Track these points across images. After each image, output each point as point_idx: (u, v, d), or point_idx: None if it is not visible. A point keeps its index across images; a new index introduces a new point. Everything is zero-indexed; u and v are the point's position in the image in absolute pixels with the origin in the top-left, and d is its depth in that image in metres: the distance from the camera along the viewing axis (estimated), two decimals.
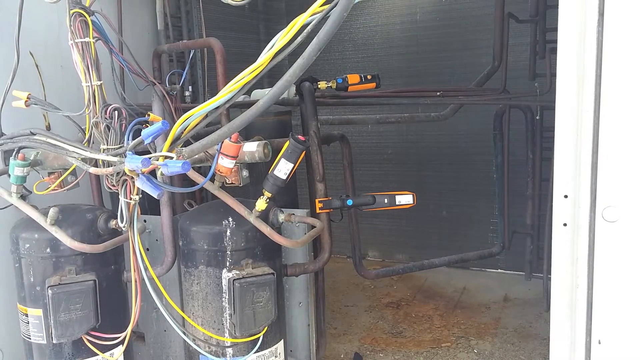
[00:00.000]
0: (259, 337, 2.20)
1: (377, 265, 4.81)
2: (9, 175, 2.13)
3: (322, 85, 2.84)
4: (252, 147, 2.04)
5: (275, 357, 2.33)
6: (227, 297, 2.15)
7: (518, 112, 3.78)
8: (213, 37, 2.61)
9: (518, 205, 3.94)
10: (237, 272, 2.14)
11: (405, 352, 3.33)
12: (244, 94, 1.72)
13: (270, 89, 1.55)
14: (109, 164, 1.89)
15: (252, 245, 2.18)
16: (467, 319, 3.73)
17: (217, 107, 1.67)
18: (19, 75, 2.10)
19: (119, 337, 2.20)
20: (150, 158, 1.68)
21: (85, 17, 1.86)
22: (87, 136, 1.99)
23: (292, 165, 2.01)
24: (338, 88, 2.90)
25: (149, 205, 2.53)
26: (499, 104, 3.73)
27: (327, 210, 2.57)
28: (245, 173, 2.10)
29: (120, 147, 1.88)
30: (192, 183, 2.27)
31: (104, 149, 1.92)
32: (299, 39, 1.51)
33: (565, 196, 1.44)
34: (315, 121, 2.65)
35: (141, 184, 1.78)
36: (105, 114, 1.89)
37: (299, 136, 2.01)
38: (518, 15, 3.60)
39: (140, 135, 1.71)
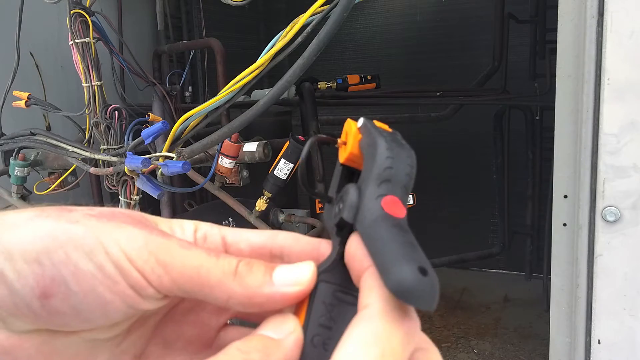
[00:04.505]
0: None
1: None
2: (9, 176, 2.13)
3: (322, 85, 2.84)
4: (252, 148, 2.04)
5: None
6: None
7: (518, 113, 3.78)
8: (213, 37, 2.61)
9: (518, 205, 3.94)
10: None
11: None
12: (244, 94, 1.72)
13: (270, 89, 1.55)
14: (109, 164, 1.89)
15: None
16: (467, 319, 3.73)
17: (217, 108, 1.67)
18: (19, 76, 2.10)
19: None
20: (150, 158, 1.68)
21: (85, 17, 1.86)
22: (87, 136, 1.99)
23: (292, 165, 2.01)
24: (338, 88, 2.90)
25: (149, 206, 2.53)
26: (499, 104, 3.72)
27: None
28: (245, 173, 2.11)
29: (121, 147, 1.89)
30: (192, 183, 2.27)
31: (104, 149, 1.92)
32: (299, 39, 1.51)
33: (565, 196, 1.44)
34: (315, 121, 2.65)
35: (141, 184, 1.79)
36: (106, 114, 1.89)
37: (299, 136, 2.01)
38: (518, 15, 3.60)
39: (140, 135, 1.71)
